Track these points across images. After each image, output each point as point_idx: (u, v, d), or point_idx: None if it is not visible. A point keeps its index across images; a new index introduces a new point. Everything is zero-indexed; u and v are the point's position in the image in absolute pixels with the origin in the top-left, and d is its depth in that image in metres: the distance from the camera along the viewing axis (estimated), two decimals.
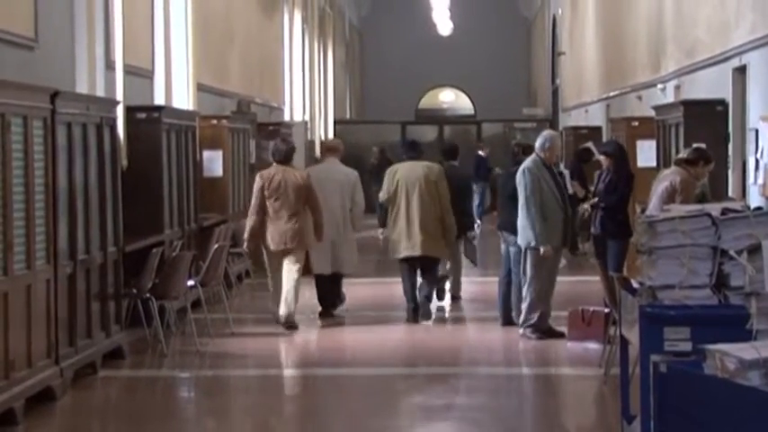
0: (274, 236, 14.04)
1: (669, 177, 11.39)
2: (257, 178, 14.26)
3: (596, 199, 13.72)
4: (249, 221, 14.15)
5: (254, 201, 14.18)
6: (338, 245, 14.85)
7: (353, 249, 15.20)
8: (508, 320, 13.88)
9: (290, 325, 14.09)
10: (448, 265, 15.86)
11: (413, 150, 15.00)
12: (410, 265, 14.60)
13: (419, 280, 14.69)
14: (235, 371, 12.18)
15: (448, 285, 16.14)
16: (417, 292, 14.59)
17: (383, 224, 15.24)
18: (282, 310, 14.10)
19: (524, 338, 13.06)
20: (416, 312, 14.51)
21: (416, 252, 14.38)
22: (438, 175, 14.54)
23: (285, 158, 14.25)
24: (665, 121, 17.10)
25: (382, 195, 14.81)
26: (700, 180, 11.82)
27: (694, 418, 4.81)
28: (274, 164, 14.28)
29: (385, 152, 30.30)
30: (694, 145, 12.88)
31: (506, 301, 13.93)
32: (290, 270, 14.16)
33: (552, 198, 13.09)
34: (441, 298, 15.75)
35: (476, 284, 17.48)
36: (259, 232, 14.10)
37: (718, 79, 16.13)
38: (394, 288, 15.49)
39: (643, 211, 10.87)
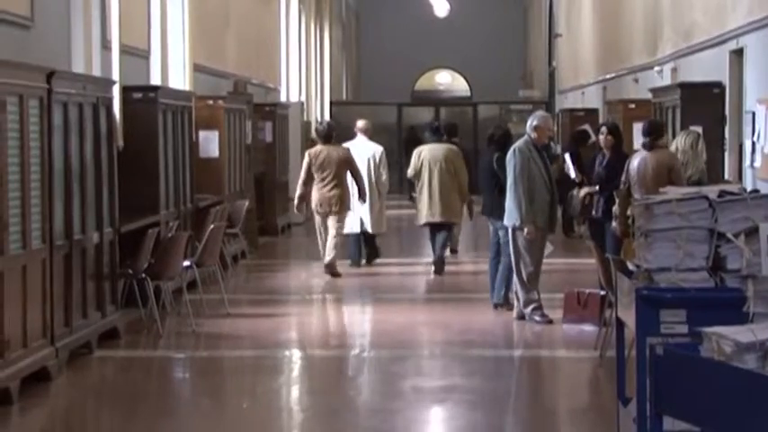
0: (321, 202, 16.92)
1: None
2: (306, 155, 17.29)
3: (596, 187, 13.57)
4: (298, 189, 17.24)
5: (302, 174, 17.18)
6: (366, 210, 17.65)
7: (380, 213, 17.98)
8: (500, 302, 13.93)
9: (333, 272, 16.90)
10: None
11: (436, 134, 17.68)
12: (432, 228, 17.15)
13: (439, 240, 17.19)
14: (230, 351, 12.19)
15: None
16: (436, 247, 17.19)
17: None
18: (326, 260, 16.88)
19: (529, 322, 13.03)
20: (437, 264, 17.10)
21: (437, 219, 16.98)
22: (456, 156, 17.11)
23: (326, 138, 17.10)
24: (662, 104, 17.11)
25: (410, 172, 17.55)
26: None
27: (690, 401, 4.81)
28: (320, 143, 17.09)
29: (414, 129, 33.90)
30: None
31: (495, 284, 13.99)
32: (333, 227, 16.89)
33: (540, 180, 13.06)
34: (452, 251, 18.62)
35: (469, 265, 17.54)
36: (306, 198, 17.14)
37: (714, 62, 16.14)
38: (392, 272, 15.52)
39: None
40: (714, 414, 4.69)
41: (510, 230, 13.13)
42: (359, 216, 17.65)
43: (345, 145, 17.61)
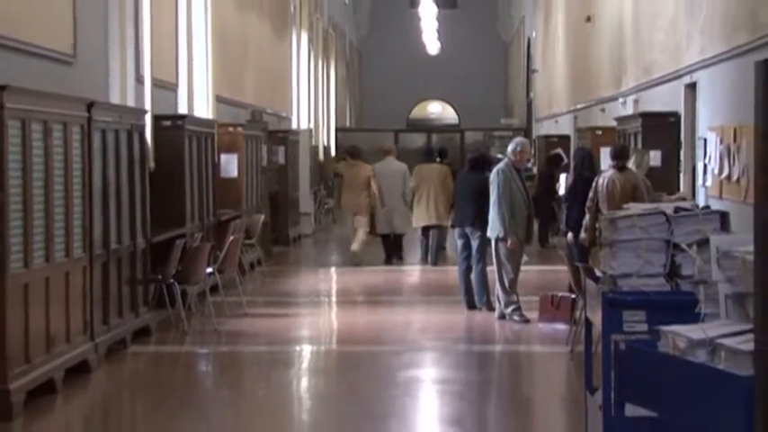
0: (351, 205, 19.07)
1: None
2: (339, 168, 20.13)
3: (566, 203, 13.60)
4: (336, 196, 20.85)
5: (338, 184, 20.04)
6: (394, 214, 19.09)
7: (406, 217, 19.20)
8: (471, 305, 13.93)
9: (358, 262, 18.78)
10: None
11: (430, 155, 19.51)
12: (424, 229, 18.84)
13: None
14: (247, 347, 12.18)
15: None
16: (430, 246, 18.87)
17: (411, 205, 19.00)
18: (353, 249, 18.92)
19: (509, 321, 13.02)
20: (427, 260, 18.90)
21: (432, 222, 18.51)
22: (446, 173, 18.57)
23: (354, 156, 19.39)
24: (626, 131, 17.12)
25: (411, 185, 18.78)
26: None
27: (649, 390, 4.81)
28: (349, 160, 19.37)
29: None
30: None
31: (468, 288, 13.96)
32: (359, 224, 18.98)
33: (520, 197, 13.08)
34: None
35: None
36: (340, 202, 19.67)
37: (671, 94, 16.15)
38: (391, 277, 15.50)
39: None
40: (670, 401, 4.70)
41: (493, 241, 13.12)
42: (388, 219, 19.15)
43: (379, 163, 19.44)
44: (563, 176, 18.97)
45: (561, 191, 16.50)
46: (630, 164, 12.61)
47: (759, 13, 11.70)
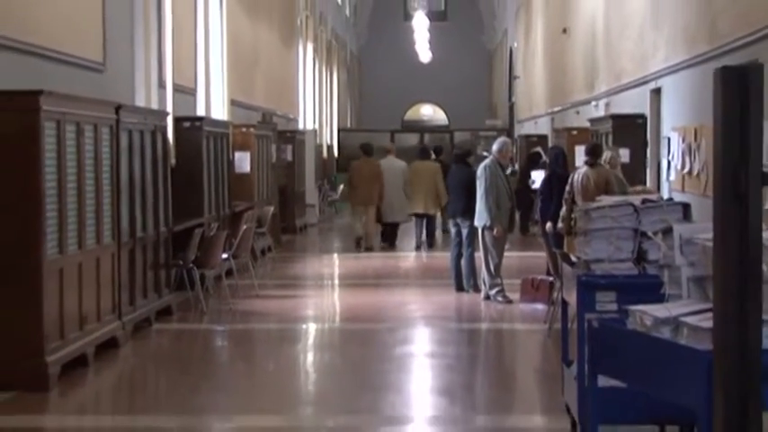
0: (360, 197, 19.25)
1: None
2: (352, 165, 19.82)
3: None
4: (345, 188, 20.71)
5: (348, 177, 19.67)
6: (395, 206, 19.49)
7: (402, 209, 19.50)
8: (460, 287, 13.95)
9: (367, 247, 19.13)
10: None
11: (423, 154, 20.26)
12: (419, 218, 19.49)
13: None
14: (259, 325, 12.20)
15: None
16: (423, 234, 19.63)
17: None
18: (360, 234, 19.35)
19: (494, 302, 13.04)
20: (419, 246, 19.54)
21: (421, 211, 19.23)
22: (436, 169, 19.03)
23: (367, 153, 19.58)
24: (598, 131, 17.12)
25: (406, 180, 19.21)
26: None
27: (619, 363, 4.83)
28: (362, 156, 19.58)
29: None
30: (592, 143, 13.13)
31: (458, 272, 13.98)
32: (367, 213, 19.25)
33: (504, 190, 13.09)
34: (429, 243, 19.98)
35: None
36: (350, 195, 19.78)
37: (638, 98, 16.16)
38: (388, 262, 15.51)
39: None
40: (637, 373, 4.71)
41: (480, 230, 13.14)
42: (388, 209, 19.58)
43: (382, 161, 19.69)
44: (536, 173, 19.01)
45: (535, 185, 16.63)
46: (603, 161, 12.61)
47: (717, 25, 11.70)
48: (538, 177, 18.52)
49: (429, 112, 52.00)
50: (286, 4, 26.51)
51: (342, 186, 25.06)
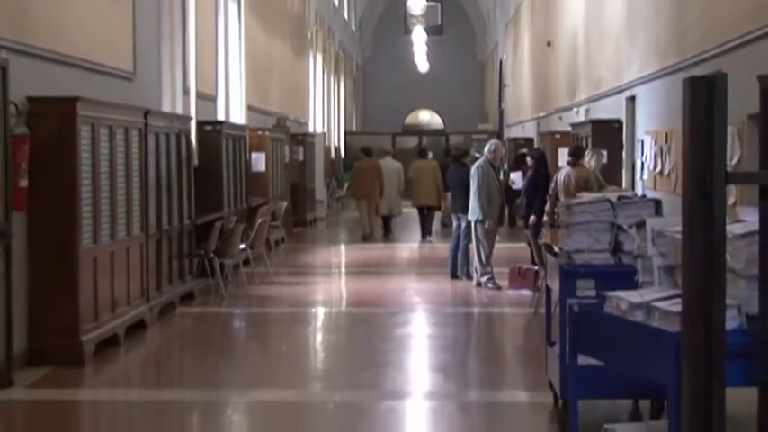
0: (364, 193, 19.57)
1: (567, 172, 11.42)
2: (355, 165, 20.15)
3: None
4: (350, 186, 20.48)
5: (351, 176, 20.14)
6: (392, 201, 20.06)
7: (400, 203, 20.34)
8: (454, 275, 13.95)
9: (366, 235, 19.41)
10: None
11: (424, 153, 20.84)
12: (421, 209, 19.64)
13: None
14: (273, 308, 12.20)
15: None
16: (431, 225, 19.77)
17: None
18: (366, 233, 19.55)
19: (485, 288, 13.04)
20: (427, 235, 19.64)
21: (425, 203, 19.52)
22: (436, 166, 19.41)
23: (367, 154, 19.91)
24: (579, 135, 17.12)
25: (409, 176, 19.78)
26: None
27: (597, 343, 4.84)
28: (364, 157, 19.90)
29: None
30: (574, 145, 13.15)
31: (454, 261, 13.99)
32: (368, 206, 19.58)
33: (495, 188, 13.12)
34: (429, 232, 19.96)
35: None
36: (354, 190, 19.97)
37: (615, 105, 16.15)
38: (390, 252, 15.49)
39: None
40: (613, 353, 4.72)
41: (473, 223, 13.16)
42: (386, 204, 19.95)
43: (381, 161, 20.10)
44: (515, 174, 19.03)
45: (515, 186, 17.10)
46: (586, 161, 12.61)
47: (685, 39, 11.70)
48: (517, 178, 18.53)
49: (427, 117, 51.92)
50: (298, 19, 26.50)
51: (347, 184, 25.21)
